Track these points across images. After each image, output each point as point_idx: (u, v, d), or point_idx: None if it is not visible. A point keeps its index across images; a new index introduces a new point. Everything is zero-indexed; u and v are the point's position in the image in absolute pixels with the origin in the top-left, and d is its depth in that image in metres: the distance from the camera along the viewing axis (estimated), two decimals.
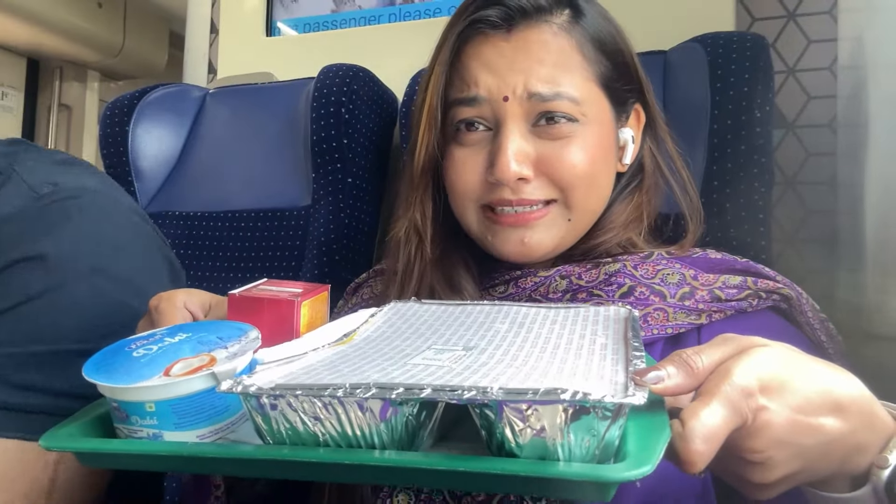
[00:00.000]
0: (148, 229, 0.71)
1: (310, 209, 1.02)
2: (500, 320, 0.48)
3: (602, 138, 0.63)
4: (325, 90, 1.01)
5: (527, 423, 0.33)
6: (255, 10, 1.34)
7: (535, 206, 0.61)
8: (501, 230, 0.63)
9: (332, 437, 0.36)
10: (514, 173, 0.60)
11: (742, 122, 0.80)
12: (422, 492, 0.55)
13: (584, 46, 0.62)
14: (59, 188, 0.63)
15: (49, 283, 0.59)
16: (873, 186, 0.69)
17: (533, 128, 0.62)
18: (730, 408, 0.35)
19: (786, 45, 1.01)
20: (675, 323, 0.58)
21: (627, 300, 0.59)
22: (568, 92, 0.61)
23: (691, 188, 0.70)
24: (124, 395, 0.40)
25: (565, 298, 0.61)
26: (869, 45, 0.75)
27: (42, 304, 0.59)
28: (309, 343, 0.44)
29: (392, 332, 0.47)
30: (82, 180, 0.66)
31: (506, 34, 0.62)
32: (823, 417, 0.37)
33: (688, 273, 0.60)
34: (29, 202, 0.61)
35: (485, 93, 0.62)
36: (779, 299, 0.60)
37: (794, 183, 0.99)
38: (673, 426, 0.35)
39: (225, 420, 0.42)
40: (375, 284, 0.76)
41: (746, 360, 0.36)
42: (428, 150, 0.65)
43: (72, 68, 3.03)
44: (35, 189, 0.62)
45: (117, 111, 1.14)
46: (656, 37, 0.89)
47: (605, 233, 0.65)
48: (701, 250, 0.64)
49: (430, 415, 0.37)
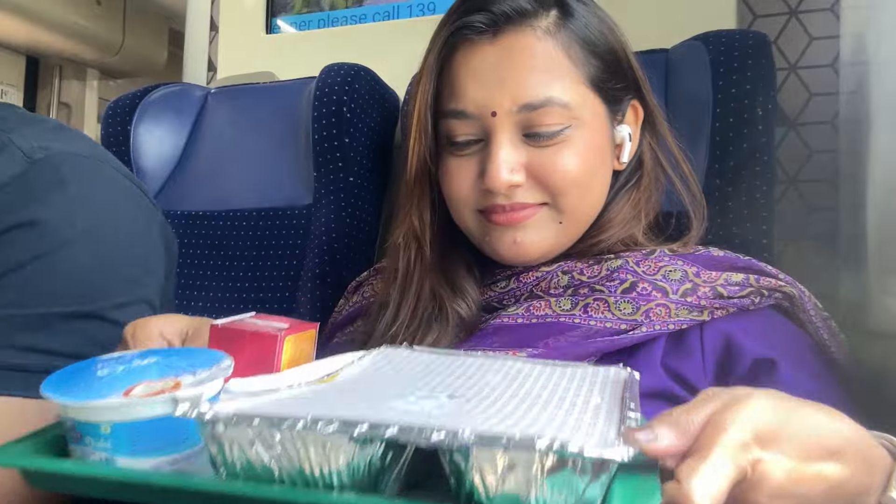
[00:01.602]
0: (140, 195, 0.71)
1: (311, 208, 1.02)
2: (492, 372, 0.45)
3: (595, 140, 0.63)
4: (327, 89, 1.01)
5: (499, 472, 0.30)
6: (255, 7, 1.33)
7: (527, 208, 0.62)
8: (495, 230, 0.63)
9: (288, 473, 0.33)
10: (505, 182, 0.60)
11: (744, 120, 0.80)
12: None
13: (572, 49, 0.62)
14: (52, 153, 0.64)
15: (45, 247, 0.60)
16: (876, 184, 0.69)
17: (524, 136, 0.61)
18: (730, 462, 0.33)
19: (788, 43, 1.01)
20: (677, 319, 0.58)
21: (629, 295, 0.59)
22: (557, 98, 0.60)
23: (693, 183, 0.70)
24: (79, 414, 0.38)
25: (567, 293, 0.61)
26: (871, 41, 0.75)
27: (39, 267, 0.60)
28: (286, 379, 0.41)
29: (377, 375, 0.45)
30: (75, 145, 0.67)
31: (491, 39, 0.61)
32: (822, 463, 0.35)
33: (690, 270, 0.60)
34: (23, 168, 0.62)
35: (473, 108, 0.61)
36: (781, 297, 0.60)
37: (797, 180, 0.99)
38: (667, 488, 0.32)
39: (184, 451, 0.39)
40: (377, 283, 0.76)
41: (739, 412, 0.34)
42: (419, 159, 0.66)
43: (71, 66, 3.03)
44: (29, 155, 0.63)
45: (119, 111, 1.14)
46: (658, 35, 0.89)
47: (605, 231, 0.65)
48: (704, 248, 0.64)
49: (396, 458, 0.34)
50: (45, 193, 0.62)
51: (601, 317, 0.58)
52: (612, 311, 0.58)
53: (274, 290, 1.00)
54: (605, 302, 0.59)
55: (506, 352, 0.57)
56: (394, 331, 0.64)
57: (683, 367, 0.57)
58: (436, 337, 0.63)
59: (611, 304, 0.59)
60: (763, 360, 0.56)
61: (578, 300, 0.60)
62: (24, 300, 0.60)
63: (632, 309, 0.58)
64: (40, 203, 0.61)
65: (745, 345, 0.57)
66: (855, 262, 0.76)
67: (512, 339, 0.59)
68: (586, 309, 0.59)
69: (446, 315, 0.64)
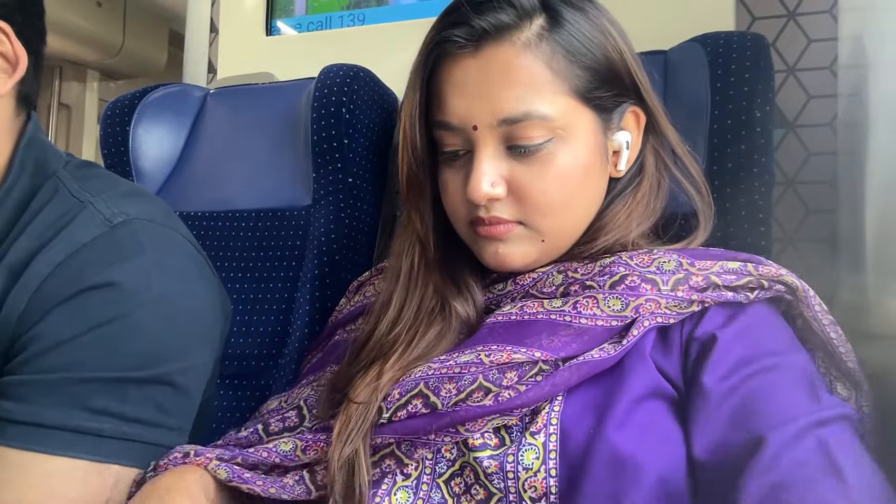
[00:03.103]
0: (203, 261, 0.75)
1: (310, 209, 1.02)
2: None
3: (583, 152, 0.62)
4: (326, 90, 1.01)
5: None
6: (255, 9, 1.34)
7: (503, 223, 0.62)
8: (480, 241, 0.65)
9: None
10: (484, 195, 0.61)
11: (742, 122, 0.80)
12: (420, 489, 0.55)
13: (554, 61, 0.60)
14: (131, 219, 0.67)
15: (122, 309, 0.62)
16: (874, 186, 0.69)
17: (507, 149, 0.62)
18: None
19: (786, 45, 1.01)
20: (664, 312, 0.57)
21: (617, 289, 0.58)
22: (538, 110, 0.60)
23: (701, 184, 0.69)
24: None
25: (559, 292, 0.61)
26: (869, 44, 0.75)
27: (115, 330, 0.61)
28: None
29: None
30: (150, 211, 0.70)
31: (473, 52, 0.61)
32: None
33: (684, 260, 0.60)
34: (103, 231, 0.65)
35: (456, 121, 0.62)
36: (783, 290, 0.59)
37: (795, 182, 0.99)
38: None
39: None
40: (379, 282, 0.76)
41: None
42: (410, 170, 0.67)
43: (71, 68, 3.02)
44: (110, 219, 0.66)
45: (118, 111, 1.14)
46: (656, 37, 0.89)
47: (602, 235, 0.65)
48: (702, 248, 0.64)
49: None
50: (124, 257, 0.64)
51: (590, 313, 0.58)
52: (600, 307, 0.58)
53: (273, 290, 1.00)
54: (594, 298, 0.59)
55: (500, 350, 0.57)
56: (397, 330, 0.64)
57: (664, 362, 0.57)
58: (438, 336, 0.63)
59: (599, 300, 0.58)
60: (710, 336, 0.56)
61: (569, 298, 0.60)
62: (99, 362, 0.61)
63: (621, 305, 0.58)
64: (119, 266, 0.63)
65: (704, 325, 0.57)
66: (853, 263, 0.76)
67: (505, 337, 0.59)
68: (576, 306, 0.59)
69: (449, 314, 0.64)
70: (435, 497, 0.55)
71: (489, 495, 0.53)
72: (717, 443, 0.51)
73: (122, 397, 0.61)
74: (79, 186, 0.68)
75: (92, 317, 0.61)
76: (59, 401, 0.59)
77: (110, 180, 0.74)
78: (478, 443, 0.55)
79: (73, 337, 0.60)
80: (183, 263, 0.70)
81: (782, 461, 0.47)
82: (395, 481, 0.56)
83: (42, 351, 0.60)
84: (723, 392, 0.53)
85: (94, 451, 0.59)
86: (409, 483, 0.56)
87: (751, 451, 0.48)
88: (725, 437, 0.51)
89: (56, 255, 0.62)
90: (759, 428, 0.49)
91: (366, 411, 0.57)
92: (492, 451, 0.54)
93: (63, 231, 0.64)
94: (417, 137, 0.65)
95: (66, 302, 0.61)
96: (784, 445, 0.48)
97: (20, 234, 0.65)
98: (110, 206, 0.67)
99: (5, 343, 0.62)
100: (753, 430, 0.50)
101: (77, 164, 0.73)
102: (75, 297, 0.61)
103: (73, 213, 0.65)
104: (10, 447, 0.58)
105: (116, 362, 0.61)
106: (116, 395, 0.61)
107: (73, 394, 0.60)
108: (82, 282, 0.62)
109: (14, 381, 0.60)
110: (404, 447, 0.56)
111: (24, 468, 0.58)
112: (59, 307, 0.61)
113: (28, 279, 0.62)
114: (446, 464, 0.56)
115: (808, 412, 0.50)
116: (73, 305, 0.61)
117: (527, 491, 0.52)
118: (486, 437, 0.55)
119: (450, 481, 0.56)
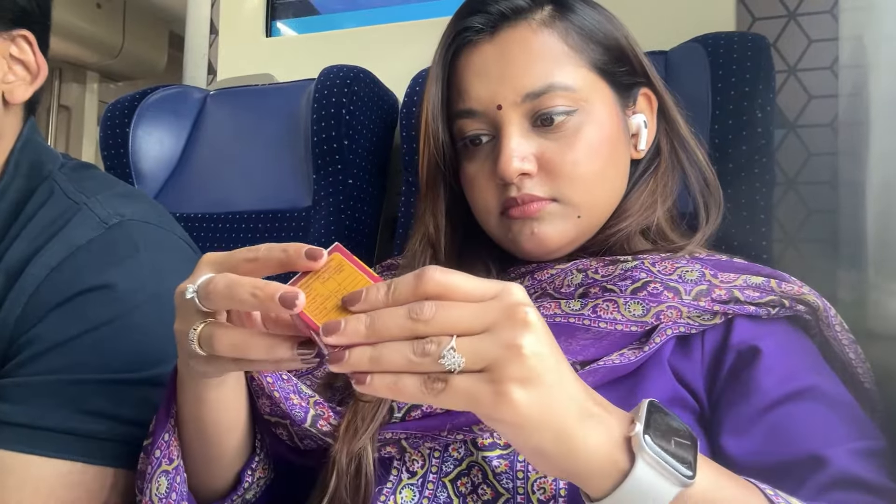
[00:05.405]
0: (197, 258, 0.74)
1: (310, 210, 1.02)
2: None
3: (606, 127, 0.63)
4: (326, 91, 1.01)
5: None
6: (255, 10, 1.34)
7: (536, 202, 0.62)
8: (515, 224, 0.63)
9: None
10: (516, 169, 0.60)
11: (743, 122, 0.80)
12: (426, 488, 0.55)
13: (569, 37, 0.63)
14: (126, 220, 0.67)
15: (117, 311, 0.62)
16: (875, 186, 0.69)
17: (533, 127, 0.62)
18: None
19: (787, 45, 1.01)
20: (686, 322, 0.57)
21: (639, 295, 0.58)
22: (560, 81, 0.61)
23: (709, 171, 0.69)
24: None
25: (577, 293, 0.61)
26: (870, 44, 0.75)
27: (111, 331, 0.61)
28: None
29: None
30: (145, 212, 0.70)
31: (490, 38, 0.63)
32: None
33: (707, 271, 0.59)
34: (99, 233, 0.65)
35: (479, 105, 0.63)
36: (804, 310, 0.58)
37: (796, 183, 0.99)
38: None
39: None
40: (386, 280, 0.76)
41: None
42: (430, 163, 0.67)
43: (71, 69, 3.02)
44: (105, 221, 0.66)
45: (118, 113, 1.14)
46: (657, 37, 0.89)
47: (622, 221, 0.65)
48: (727, 256, 0.64)
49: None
50: (120, 259, 0.64)
51: (610, 318, 0.57)
52: (621, 312, 0.57)
53: None
54: (614, 302, 0.58)
55: None
56: None
57: (684, 367, 0.57)
58: None
59: (619, 305, 0.58)
60: (749, 347, 0.55)
61: (588, 301, 0.59)
62: (95, 364, 0.61)
63: (642, 310, 0.57)
64: (114, 268, 0.63)
65: (737, 335, 0.57)
66: (854, 263, 0.76)
67: None
68: (595, 310, 0.58)
69: None
70: (441, 496, 0.55)
71: (496, 495, 0.53)
72: (758, 452, 0.51)
73: (117, 399, 0.61)
74: (74, 188, 0.68)
75: (88, 319, 0.61)
76: (54, 403, 0.59)
77: (105, 182, 0.73)
78: (487, 442, 0.54)
79: (69, 339, 0.60)
80: (178, 264, 0.69)
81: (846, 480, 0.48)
82: (400, 479, 0.56)
83: (38, 353, 0.60)
84: (770, 402, 0.53)
85: (90, 453, 0.59)
86: (414, 481, 0.56)
87: (811, 467, 0.49)
88: (769, 447, 0.51)
89: (52, 257, 0.62)
90: (815, 446, 0.50)
91: (375, 410, 0.56)
92: (501, 451, 0.54)
93: (59, 233, 0.64)
94: (440, 129, 0.65)
95: (62, 305, 0.61)
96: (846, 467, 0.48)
97: (16, 236, 0.65)
98: (105, 207, 0.67)
99: (2, 346, 0.62)
100: (808, 447, 0.50)
101: (73, 165, 0.73)
102: (72, 299, 0.61)
103: (69, 215, 0.65)
104: (4, 449, 0.58)
105: (112, 364, 0.61)
106: (112, 397, 0.60)
107: (68, 396, 0.59)
108: (78, 284, 0.61)
109: (10, 384, 0.60)
110: (411, 440, 0.56)
111: (19, 471, 0.58)
112: (56, 310, 0.61)
113: (25, 282, 0.61)
114: (453, 463, 0.56)
115: (855, 438, 0.51)
116: (69, 308, 0.61)
117: (535, 492, 0.52)
118: (496, 437, 0.55)
119: (456, 481, 0.55)
